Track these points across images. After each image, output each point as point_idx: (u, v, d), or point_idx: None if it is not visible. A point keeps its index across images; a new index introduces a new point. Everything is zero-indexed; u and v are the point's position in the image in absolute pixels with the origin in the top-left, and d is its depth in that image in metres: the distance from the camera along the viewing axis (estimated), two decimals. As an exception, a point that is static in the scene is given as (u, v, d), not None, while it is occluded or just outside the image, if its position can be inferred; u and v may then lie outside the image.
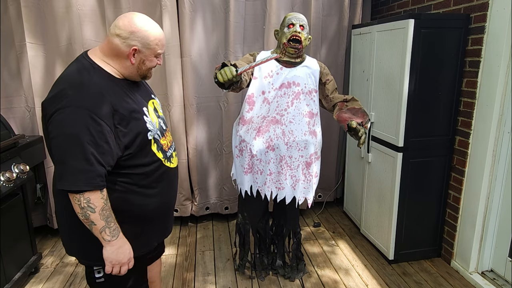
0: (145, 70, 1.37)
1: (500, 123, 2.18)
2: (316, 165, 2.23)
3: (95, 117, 1.18)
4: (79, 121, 1.17)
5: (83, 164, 1.18)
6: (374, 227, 2.78)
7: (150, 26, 1.31)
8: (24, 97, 2.74)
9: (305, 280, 2.42)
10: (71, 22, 2.62)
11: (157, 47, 1.33)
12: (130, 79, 1.39)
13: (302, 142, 2.12)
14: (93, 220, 1.22)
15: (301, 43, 2.02)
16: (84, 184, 1.18)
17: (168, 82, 2.84)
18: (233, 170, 2.32)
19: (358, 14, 3.10)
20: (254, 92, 2.12)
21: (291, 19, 2.03)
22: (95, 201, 1.21)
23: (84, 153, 1.17)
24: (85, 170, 1.18)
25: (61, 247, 2.87)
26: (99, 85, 1.25)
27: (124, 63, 1.32)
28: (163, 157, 1.42)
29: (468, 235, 2.39)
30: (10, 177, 2.11)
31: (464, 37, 2.29)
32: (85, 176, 1.18)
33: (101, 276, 1.43)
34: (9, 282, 2.18)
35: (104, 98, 1.23)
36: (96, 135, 1.18)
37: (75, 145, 1.17)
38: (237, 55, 2.90)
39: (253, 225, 2.35)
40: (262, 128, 2.12)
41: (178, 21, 2.80)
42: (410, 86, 2.29)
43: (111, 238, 1.26)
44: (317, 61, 2.20)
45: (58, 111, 1.18)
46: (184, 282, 2.44)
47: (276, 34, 2.13)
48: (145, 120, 1.34)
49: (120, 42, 1.28)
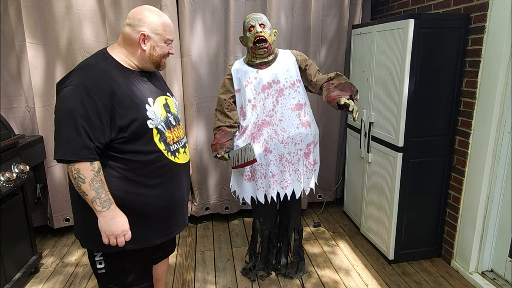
0: (157, 57, 1.43)
1: (500, 123, 2.18)
2: (314, 153, 2.24)
3: (91, 94, 1.27)
4: (75, 97, 1.27)
5: (72, 134, 1.26)
6: (374, 227, 2.78)
7: (157, 13, 1.41)
8: (24, 97, 2.74)
9: (305, 280, 2.42)
10: (71, 22, 2.62)
11: (164, 32, 1.40)
12: (145, 69, 1.46)
13: (297, 136, 2.12)
14: (84, 191, 1.30)
15: (267, 41, 2.02)
16: (71, 154, 1.27)
17: (168, 82, 2.83)
18: (232, 182, 2.32)
19: (358, 14, 3.10)
20: (242, 103, 2.14)
21: (249, 21, 2.03)
22: (85, 172, 1.28)
23: (75, 124, 1.26)
24: (72, 140, 1.26)
25: (61, 247, 2.87)
26: (103, 69, 1.34)
27: (137, 52, 1.41)
28: (165, 149, 1.44)
29: (468, 235, 2.39)
30: (10, 177, 2.11)
31: (464, 37, 2.29)
32: (71, 146, 1.27)
33: (102, 267, 1.48)
34: (9, 282, 2.18)
35: (105, 80, 1.31)
36: (89, 110, 1.27)
37: (68, 117, 1.26)
38: (237, 55, 2.91)
39: (271, 229, 2.36)
40: (255, 133, 2.13)
41: (178, 21, 2.80)
42: (410, 86, 2.29)
43: (101, 208, 1.32)
44: (291, 51, 2.20)
45: (61, 90, 1.31)
46: (184, 282, 2.44)
47: (242, 41, 2.13)
48: (146, 108, 1.38)
49: (130, 30, 1.39)
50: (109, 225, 1.33)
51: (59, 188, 2.91)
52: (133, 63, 1.43)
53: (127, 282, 1.51)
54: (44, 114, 2.76)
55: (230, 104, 2.17)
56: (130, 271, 1.50)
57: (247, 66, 2.14)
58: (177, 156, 1.50)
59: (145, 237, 1.47)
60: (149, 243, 1.50)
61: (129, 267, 1.50)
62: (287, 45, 2.97)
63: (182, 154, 1.54)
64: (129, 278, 1.51)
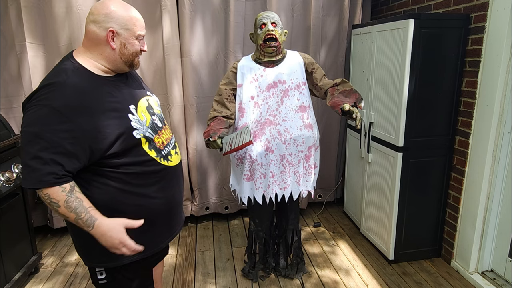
0: (129, 55, 1.31)
1: (500, 123, 2.18)
2: (315, 156, 2.24)
3: (61, 118, 1.15)
4: (41, 119, 1.15)
5: (35, 161, 1.15)
6: (374, 227, 2.78)
7: (125, 7, 1.28)
8: (24, 97, 2.74)
9: (305, 280, 2.42)
10: (71, 22, 2.62)
11: (135, 27, 1.28)
12: (118, 70, 1.34)
13: (299, 138, 2.11)
14: (63, 214, 1.20)
15: (277, 40, 2.01)
16: (36, 182, 1.16)
17: (168, 82, 2.83)
18: (232, 181, 2.31)
19: (358, 14, 3.10)
20: (242, 99, 2.12)
21: (261, 19, 2.02)
22: (56, 196, 1.17)
23: (39, 149, 1.14)
24: (37, 168, 1.15)
25: (61, 247, 2.87)
26: (75, 86, 1.20)
27: (105, 52, 1.27)
28: (156, 156, 1.37)
29: (468, 235, 2.39)
30: (10, 177, 2.11)
31: (464, 37, 2.29)
32: (36, 175, 1.15)
33: (104, 277, 1.42)
34: (9, 282, 2.18)
35: (77, 99, 1.18)
36: (59, 134, 1.15)
37: (32, 142, 1.15)
38: (237, 55, 2.90)
39: (266, 230, 2.34)
40: (257, 132, 2.11)
41: (178, 21, 2.80)
42: (410, 86, 2.29)
43: (87, 228, 1.22)
44: (299, 53, 2.19)
45: (27, 109, 1.18)
46: (184, 282, 2.44)
47: (251, 38, 2.12)
48: (129, 118, 1.28)
49: (96, 28, 1.24)
50: (105, 241, 1.25)
51: (59, 188, 2.91)
52: (104, 66, 1.30)
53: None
54: (44, 114, 2.76)
55: (230, 95, 2.14)
56: (133, 279, 1.46)
57: (254, 63, 2.13)
58: (170, 159, 1.44)
59: (154, 243, 1.45)
60: (157, 248, 1.47)
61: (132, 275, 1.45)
62: (287, 45, 2.97)
63: (174, 156, 1.48)
64: (132, 285, 1.47)
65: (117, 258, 1.35)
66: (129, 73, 1.42)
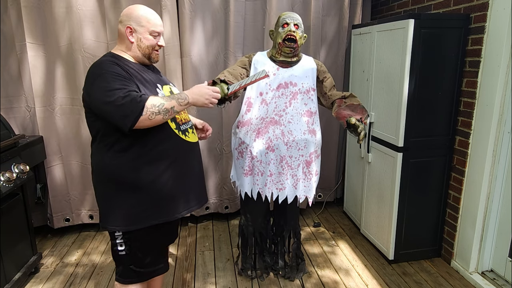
0: (145, 48, 1.53)
1: (500, 123, 2.18)
2: (316, 164, 2.24)
3: (115, 67, 1.41)
4: (104, 64, 1.42)
5: (118, 95, 1.34)
6: (374, 227, 2.78)
7: (144, 9, 1.53)
8: (24, 97, 2.74)
9: (305, 280, 2.42)
10: (71, 23, 2.62)
11: (149, 24, 1.51)
12: (141, 62, 1.57)
13: (301, 142, 2.12)
14: (169, 108, 1.40)
15: (296, 42, 2.02)
16: (136, 109, 1.33)
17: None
18: (233, 172, 2.32)
19: (358, 14, 3.10)
20: (251, 94, 2.12)
21: (285, 18, 2.03)
22: (155, 102, 1.37)
23: (116, 87, 1.35)
24: (127, 100, 1.33)
25: (61, 247, 2.87)
26: (114, 61, 1.45)
27: (128, 45, 1.53)
28: (175, 128, 1.55)
29: (468, 235, 2.39)
30: (10, 177, 2.11)
31: (464, 37, 2.29)
32: (130, 102, 1.33)
33: (123, 249, 1.56)
34: (9, 282, 2.18)
35: (119, 65, 1.43)
36: (119, 77, 1.39)
37: (107, 90, 1.35)
38: (237, 55, 2.91)
39: (256, 226, 2.34)
40: (261, 129, 2.12)
41: (178, 21, 2.80)
42: (410, 86, 2.29)
43: (184, 101, 1.45)
44: (314, 59, 2.20)
45: (87, 86, 1.42)
46: (184, 282, 2.44)
47: (271, 35, 2.13)
48: (157, 91, 1.53)
49: (121, 26, 1.53)
50: (201, 97, 1.49)
51: (59, 188, 2.91)
52: (131, 57, 1.55)
53: (145, 263, 1.61)
54: (44, 114, 2.76)
55: (243, 74, 2.07)
56: (148, 253, 1.60)
57: (269, 59, 2.13)
58: (187, 135, 1.60)
59: (169, 212, 1.56)
60: (172, 217, 1.58)
61: (148, 248, 1.60)
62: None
63: (191, 134, 1.64)
64: (147, 259, 1.61)
65: (138, 222, 1.50)
66: (155, 68, 1.68)
